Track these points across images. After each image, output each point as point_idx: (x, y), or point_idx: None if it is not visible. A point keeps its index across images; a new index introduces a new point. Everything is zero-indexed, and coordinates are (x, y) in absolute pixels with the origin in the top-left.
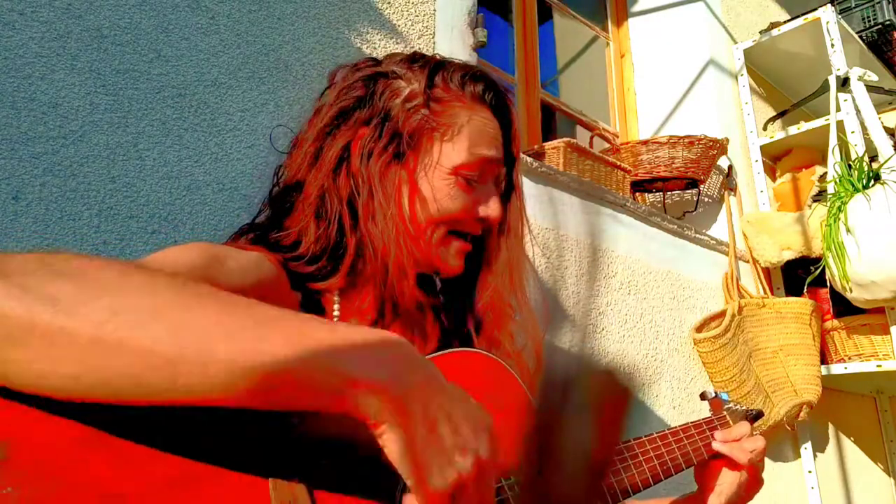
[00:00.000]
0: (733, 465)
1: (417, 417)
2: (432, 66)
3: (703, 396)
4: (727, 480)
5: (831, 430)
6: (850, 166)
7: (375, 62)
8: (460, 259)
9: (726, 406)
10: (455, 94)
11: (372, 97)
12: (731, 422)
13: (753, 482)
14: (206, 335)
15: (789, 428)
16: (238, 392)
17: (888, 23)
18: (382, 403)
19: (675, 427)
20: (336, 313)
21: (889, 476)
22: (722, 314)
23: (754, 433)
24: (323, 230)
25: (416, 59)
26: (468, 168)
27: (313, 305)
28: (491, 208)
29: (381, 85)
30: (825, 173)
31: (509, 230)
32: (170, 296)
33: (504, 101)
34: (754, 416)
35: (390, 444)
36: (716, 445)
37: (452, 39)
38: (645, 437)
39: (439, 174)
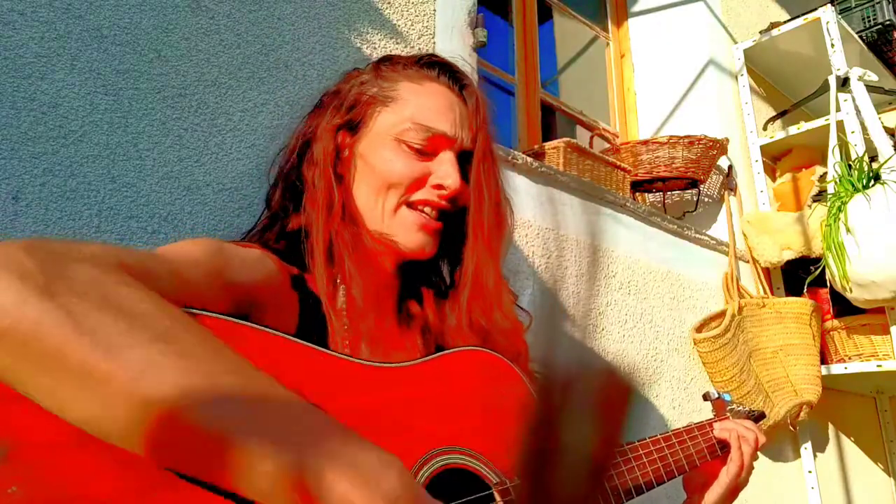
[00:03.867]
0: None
1: None
2: (398, 56)
3: (706, 397)
4: (722, 478)
5: (831, 430)
6: (850, 166)
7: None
8: (419, 235)
9: (729, 407)
10: (404, 72)
11: (340, 91)
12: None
13: (745, 470)
14: (225, 424)
15: (792, 428)
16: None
17: (888, 23)
18: None
19: (679, 428)
20: (342, 303)
21: (889, 476)
22: (722, 314)
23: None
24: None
25: (391, 58)
26: (410, 135)
27: (311, 304)
28: (446, 177)
29: (350, 77)
30: (825, 173)
31: (472, 228)
32: (209, 366)
33: (465, 82)
34: (756, 418)
35: None
36: (717, 433)
37: (452, 39)
38: (649, 438)
39: (381, 141)
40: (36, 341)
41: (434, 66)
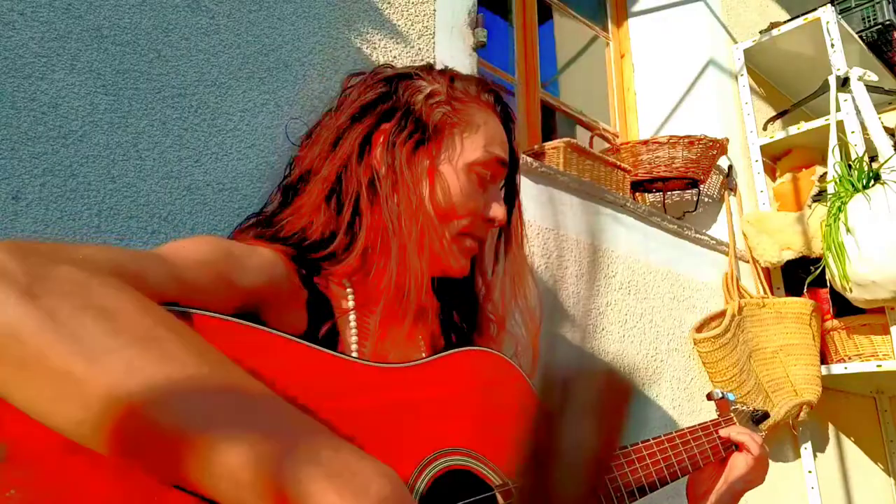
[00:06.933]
0: (744, 454)
1: None
2: (450, 72)
3: (709, 397)
4: (737, 472)
5: (831, 430)
6: (850, 166)
7: (393, 67)
8: (468, 260)
9: (733, 407)
10: (472, 97)
11: (395, 93)
12: (737, 423)
13: (760, 469)
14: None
15: (794, 431)
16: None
17: (888, 23)
18: None
19: (683, 429)
20: (351, 304)
21: (889, 476)
22: (722, 314)
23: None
24: (332, 214)
25: (432, 67)
26: (483, 165)
27: (320, 302)
28: (498, 210)
29: (402, 84)
30: (825, 173)
31: (513, 237)
32: (191, 369)
33: (509, 112)
34: (761, 417)
35: None
36: (734, 435)
37: (452, 39)
38: (653, 439)
39: (459, 167)
40: (17, 343)
41: (491, 92)
